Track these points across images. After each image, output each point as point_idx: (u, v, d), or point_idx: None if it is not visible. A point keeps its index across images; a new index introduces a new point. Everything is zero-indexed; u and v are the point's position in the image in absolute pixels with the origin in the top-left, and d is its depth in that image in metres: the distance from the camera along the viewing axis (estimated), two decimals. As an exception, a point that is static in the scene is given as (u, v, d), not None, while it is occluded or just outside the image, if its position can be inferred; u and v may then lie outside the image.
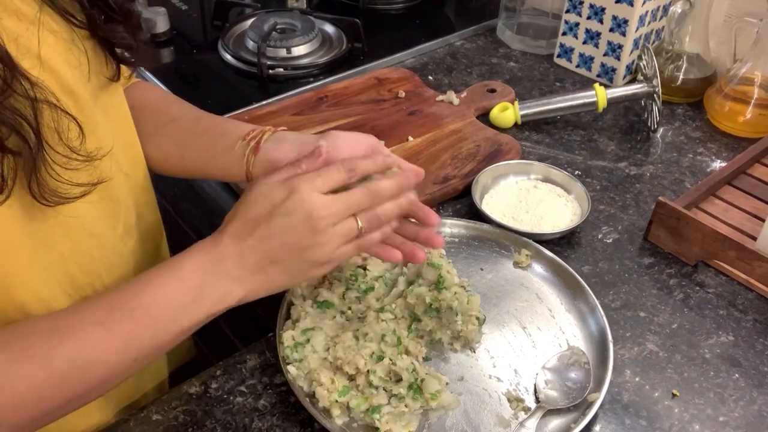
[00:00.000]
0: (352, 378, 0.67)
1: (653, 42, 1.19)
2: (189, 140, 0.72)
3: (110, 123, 0.63)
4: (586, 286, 0.78)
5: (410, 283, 0.75)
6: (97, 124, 0.58)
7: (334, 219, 0.58)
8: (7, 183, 0.50)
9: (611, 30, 1.13)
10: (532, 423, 0.65)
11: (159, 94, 0.79)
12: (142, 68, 1.15)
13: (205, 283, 0.57)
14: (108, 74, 0.62)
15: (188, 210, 1.07)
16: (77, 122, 0.54)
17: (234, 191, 0.93)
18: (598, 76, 1.19)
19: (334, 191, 0.60)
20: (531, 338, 0.74)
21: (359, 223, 0.60)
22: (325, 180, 0.59)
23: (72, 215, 0.58)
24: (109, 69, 0.62)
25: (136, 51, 0.63)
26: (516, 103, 1.06)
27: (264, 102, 1.08)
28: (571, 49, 1.20)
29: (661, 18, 1.17)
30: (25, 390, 0.51)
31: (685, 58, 1.12)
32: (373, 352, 0.68)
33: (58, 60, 0.55)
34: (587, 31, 1.16)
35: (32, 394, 0.51)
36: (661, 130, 1.08)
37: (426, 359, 0.72)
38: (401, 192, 0.63)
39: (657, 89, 1.03)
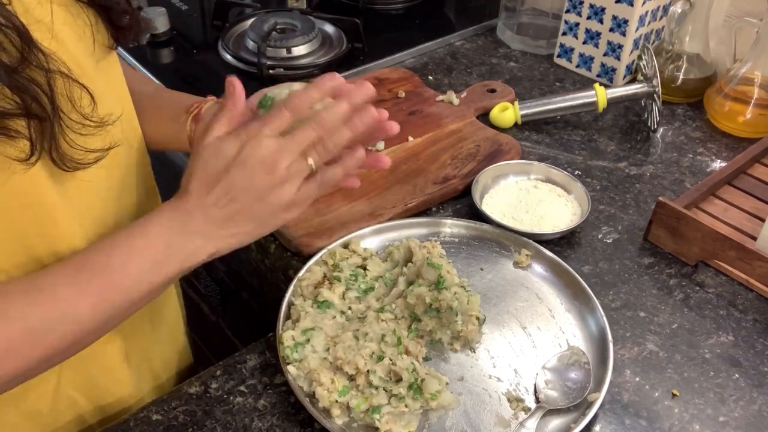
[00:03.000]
0: (352, 378, 0.67)
1: (653, 42, 1.19)
2: (144, 113, 0.74)
3: (113, 92, 0.65)
4: (586, 286, 0.78)
5: (410, 283, 0.75)
6: (102, 93, 0.60)
7: (287, 160, 0.59)
8: (36, 147, 0.53)
9: (611, 30, 1.13)
10: (532, 423, 0.65)
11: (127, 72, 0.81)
12: (141, 66, 1.15)
13: (172, 242, 0.59)
14: (108, 43, 0.64)
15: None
16: (88, 90, 0.57)
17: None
18: (598, 76, 1.19)
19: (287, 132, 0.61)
20: (531, 338, 0.74)
21: (310, 160, 0.60)
22: (271, 126, 0.59)
23: (87, 179, 0.60)
24: (108, 38, 0.64)
25: (132, 15, 0.65)
26: (516, 103, 1.06)
27: (264, 102, 1.08)
28: (571, 49, 1.20)
29: (661, 18, 1.17)
30: (3, 347, 0.53)
31: (685, 58, 1.12)
32: (373, 352, 0.68)
33: (66, 32, 0.57)
34: (587, 31, 1.16)
35: (10, 351, 0.53)
36: (661, 130, 1.08)
37: (426, 359, 0.72)
38: (352, 114, 0.62)
39: (657, 89, 1.03)
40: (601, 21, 1.14)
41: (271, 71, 1.15)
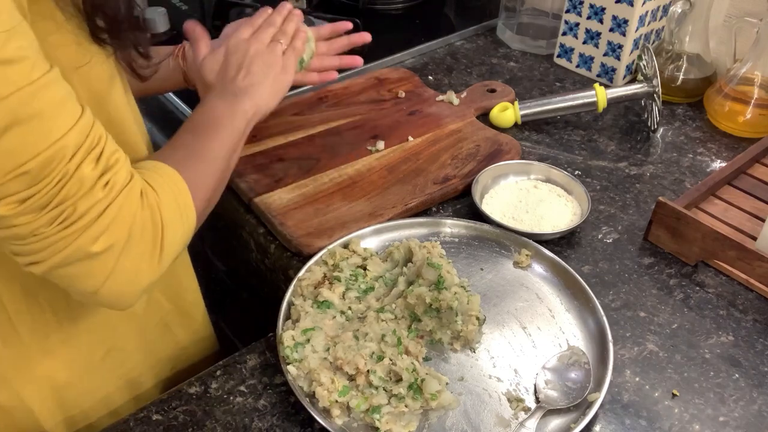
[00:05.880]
0: (352, 378, 0.67)
1: (653, 42, 1.19)
2: None
3: None
4: (586, 286, 0.78)
5: (410, 283, 0.75)
6: None
7: (272, 46, 0.84)
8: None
9: (611, 30, 1.13)
10: (532, 423, 0.65)
11: None
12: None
13: (226, 106, 0.76)
14: None
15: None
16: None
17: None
18: (598, 76, 1.19)
19: None
20: (531, 338, 0.74)
21: (281, 41, 0.85)
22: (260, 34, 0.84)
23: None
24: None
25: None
26: (516, 103, 1.06)
27: (264, 102, 1.08)
28: (571, 49, 1.20)
29: (661, 18, 1.17)
30: (205, 189, 0.67)
31: (685, 58, 1.12)
32: (373, 352, 0.68)
33: None
34: (587, 31, 1.16)
35: (205, 193, 0.67)
36: (661, 130, 1.08)
37: (426, 359, 0.72)
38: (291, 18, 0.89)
39: (657, 89, 1.03)
40: (601, 21, 1.14)
41: (271, 71, 1.14)
